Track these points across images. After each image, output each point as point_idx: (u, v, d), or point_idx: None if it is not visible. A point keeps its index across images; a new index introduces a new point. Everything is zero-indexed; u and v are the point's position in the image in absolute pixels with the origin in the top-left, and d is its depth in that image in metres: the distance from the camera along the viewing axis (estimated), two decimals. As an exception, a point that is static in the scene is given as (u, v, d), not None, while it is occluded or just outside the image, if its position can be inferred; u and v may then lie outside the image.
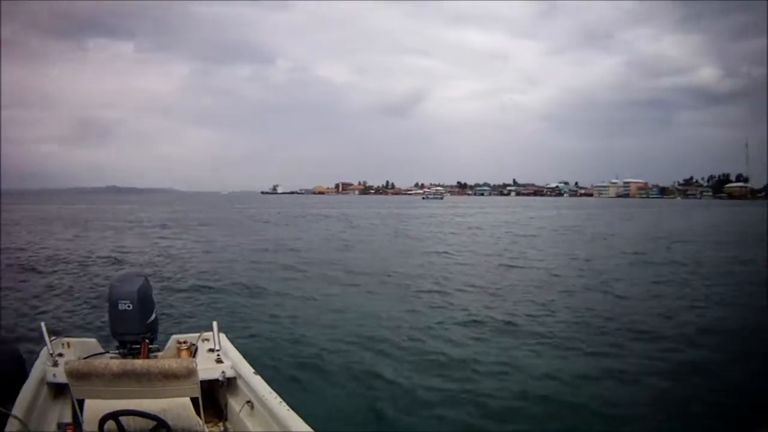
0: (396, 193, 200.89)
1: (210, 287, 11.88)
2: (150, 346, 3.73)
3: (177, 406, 2.82)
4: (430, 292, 11.71)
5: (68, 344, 3.84)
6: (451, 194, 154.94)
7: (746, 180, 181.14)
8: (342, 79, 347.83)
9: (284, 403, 3.12)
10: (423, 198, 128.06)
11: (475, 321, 9.03)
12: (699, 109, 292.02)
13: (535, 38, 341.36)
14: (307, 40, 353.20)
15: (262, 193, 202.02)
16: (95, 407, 2.74)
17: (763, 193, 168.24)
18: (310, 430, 2.85)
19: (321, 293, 11.32)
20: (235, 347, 4.06)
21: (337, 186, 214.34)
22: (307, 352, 7.20)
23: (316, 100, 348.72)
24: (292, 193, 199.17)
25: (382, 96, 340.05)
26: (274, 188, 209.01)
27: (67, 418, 3.25)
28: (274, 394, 3.27)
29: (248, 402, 3.42)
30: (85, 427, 2.78)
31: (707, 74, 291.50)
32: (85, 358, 3.54)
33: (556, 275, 14.28)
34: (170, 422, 2.78)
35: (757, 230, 29.86)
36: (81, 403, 2.82)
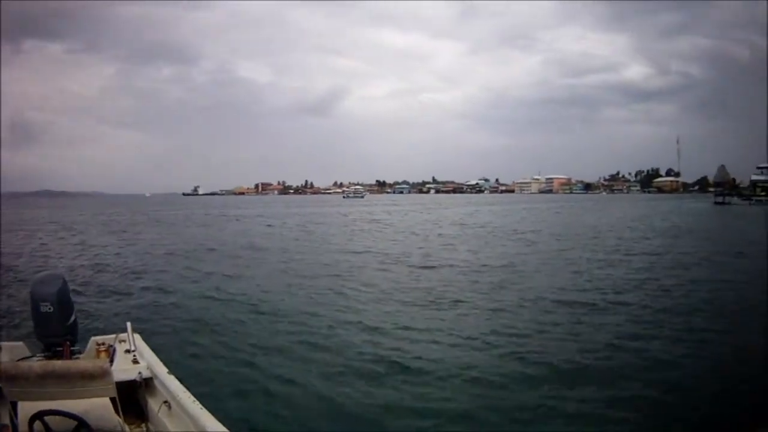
0: (315, 193, 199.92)
1: (123, 290, 12.11)
2: (72, 348, 3.74)
3: (98, 406, 2.91)
4: (334, 291, 11.94)
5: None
6: (370, 193, 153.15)
7: (678, 174, 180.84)
8: (263, 79, 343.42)
9: (198, 403, 3.17)
10: (344, 197, 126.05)
11: (362, 321, 9.23)
12: (625, 107, 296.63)
13: (455, 38, 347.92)
14: (228, 40, 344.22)
15: (184, 194, 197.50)
16: (25, 408, 2.84)
17: (696, 187, 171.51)
18: (225, 429, 2.89)
19: (229, 293, 11.55)
20: (150, 348, 4.09)
21: (256, 186, 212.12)
22: (222, 351, 7.36)
23: (238, 100, 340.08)
24: (212, 194, 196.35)
25: (303, 96, 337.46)
26: (195, 189, 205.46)
27: (5, 420, 3.28)
28: (189, 394, 3.29)
29: (165, 402, 3.43)
30: (20, 427, 2.87)
31: (635, 72, 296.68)
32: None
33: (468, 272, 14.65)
34: (91, 422, 2.86)
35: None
36: (15, 404, 2.91)
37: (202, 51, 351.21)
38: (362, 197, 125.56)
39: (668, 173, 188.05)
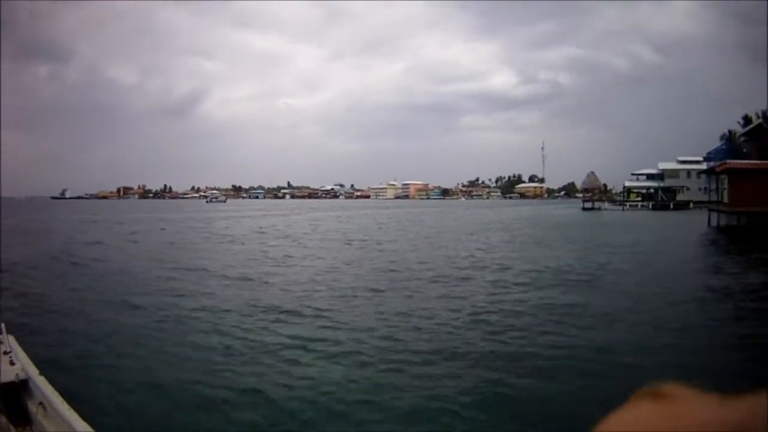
0: (173, 197, 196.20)
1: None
2: None
3: None
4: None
5: None
6: (226, 197, 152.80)
7: (542, 180, 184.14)
8: (128, 79, 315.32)
9: (67, 404, 3.27)
10: (207, 202, 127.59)
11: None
12: (487, 114, 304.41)
13: (317, 43, 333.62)
14: (99, 39, 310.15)
15: (52, 198, 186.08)
16: None
17: (562, 193, 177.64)
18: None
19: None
20: (23, 349, 4.21)
21: (118, 190, 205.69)
22: (93, 352, 7.61)
23: (105, 101, 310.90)
24: (79, 198, 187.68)
25: (164, 97, 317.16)
26: (63, 193, 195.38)
27: None
28: (61, 398, 3.36)
29: (41, 404, 3.47)
30: None
31: (499, 81, 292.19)
32: None
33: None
34: None
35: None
36: None
37: (75, 49, 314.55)
38: (224, 201, 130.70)
39: (531, 179, 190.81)
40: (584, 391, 5.98)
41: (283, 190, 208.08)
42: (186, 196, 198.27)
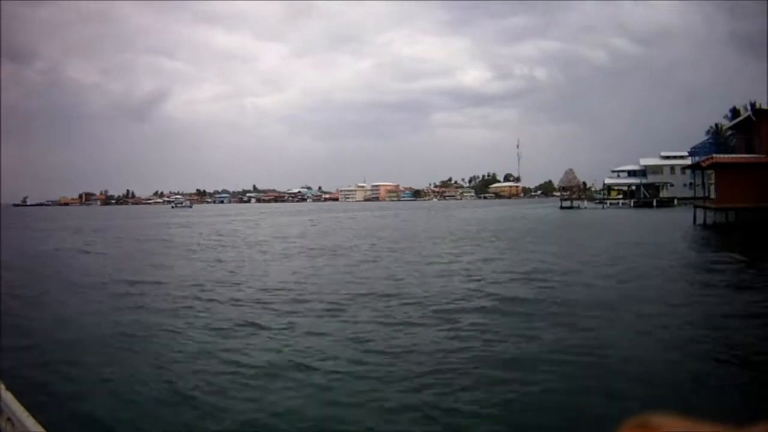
0: (136, 203, 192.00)
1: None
2: None
3: None
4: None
5: None
6: (192, 203, 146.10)
7: (518, 179, 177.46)
8: (89, 79, 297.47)
9: (33, 419, 3.20)
10: (172, 207, 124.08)
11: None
12: (458, 111, 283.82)
13: (282, 40, 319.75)
14: (60, 38, 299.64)
15: (14, 205, 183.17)
16: None
17: (539, 192, 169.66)
18: None
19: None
20: None
21: (80, 196, 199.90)
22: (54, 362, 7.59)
23: (66, 102, 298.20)
24: (41, 204, 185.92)
25: (126, 99, 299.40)
26: (24, 200, 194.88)
27: None
28: (27, 413, 3.22)
29: (8, 420, 3.33)
30: None
31: (472, 77, 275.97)
32: None
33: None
34: None
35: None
36: None
37: (36, 50, 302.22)
38: (190, 207, 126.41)
39: (507, 178, 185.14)
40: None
41: (248, 194, 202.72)
42: (149, 201, 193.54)
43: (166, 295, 12.90)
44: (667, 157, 66.18)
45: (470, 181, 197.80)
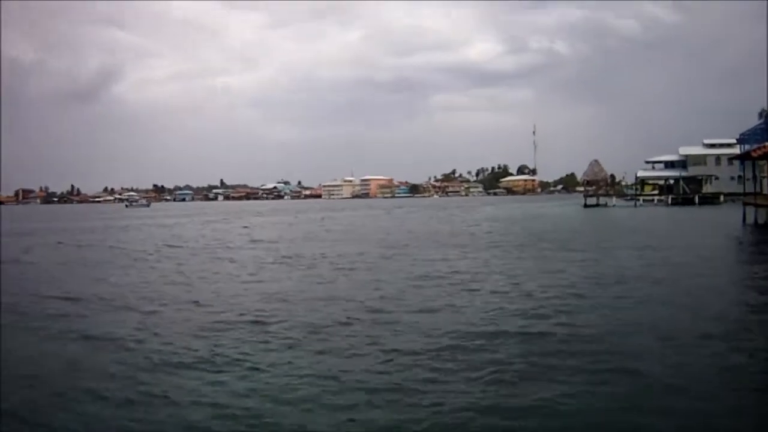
0: (82, 201, 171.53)
1: None
2: None
3: None
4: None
5: None
6: (149, 201, 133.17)
7: (534, 172, 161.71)
8: (27, 57, 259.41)
9: None
10: (126, 206, 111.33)
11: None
12: (463, 92, 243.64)
13: (255, 8, 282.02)
14: None
15: None
16: None
17: (560, 187, 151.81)
18: None
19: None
20: None
21: (17, 194, 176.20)
22: None
23: (3, 85, 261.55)
24: None
25: (69, 79, 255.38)
26: None
27: None
28: None
29: None
30: None
31: (479, 51, 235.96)
32: None
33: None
34: None
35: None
36: None
37: None
38: (148, 206, 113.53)
39: (520, 171, 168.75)
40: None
41: (215, 190, 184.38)
42: (98, 199, 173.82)
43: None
44: (712, 146, 61.87)
45: (477, 175, 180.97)
